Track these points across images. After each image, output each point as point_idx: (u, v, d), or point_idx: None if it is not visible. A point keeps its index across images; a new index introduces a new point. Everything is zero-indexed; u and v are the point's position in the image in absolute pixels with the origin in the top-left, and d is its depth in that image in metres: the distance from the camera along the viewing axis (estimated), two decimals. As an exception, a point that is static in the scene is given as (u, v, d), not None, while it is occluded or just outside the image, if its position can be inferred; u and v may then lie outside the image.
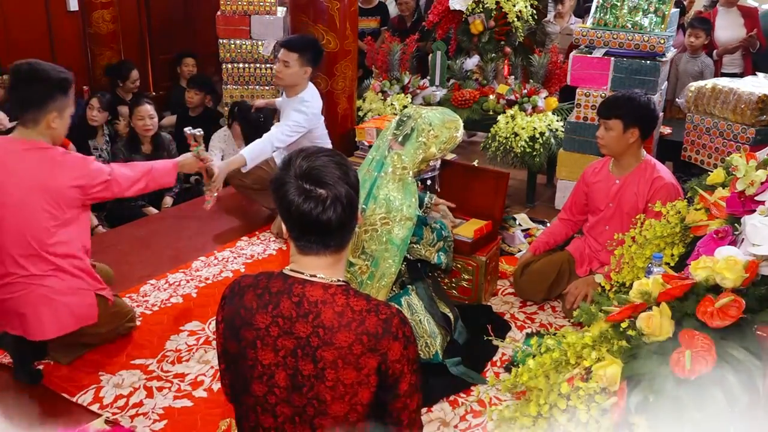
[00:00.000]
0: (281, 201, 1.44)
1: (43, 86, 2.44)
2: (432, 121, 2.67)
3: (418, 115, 2.69)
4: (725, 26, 5.44)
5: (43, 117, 2.45)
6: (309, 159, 1.45)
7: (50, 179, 2.47)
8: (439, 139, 2.66)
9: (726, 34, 5.43)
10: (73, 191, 2.51)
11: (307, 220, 1.42)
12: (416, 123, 2.66)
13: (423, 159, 2.66)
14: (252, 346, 1.47)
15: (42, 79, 2.44)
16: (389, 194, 2.57)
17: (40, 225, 2.47)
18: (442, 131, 2.68)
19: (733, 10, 5.46)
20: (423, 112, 2.72)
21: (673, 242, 2.23)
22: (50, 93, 2.45)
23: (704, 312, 1.47)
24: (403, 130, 2.67)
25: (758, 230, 1.61)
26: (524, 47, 4.95)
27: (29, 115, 2.46)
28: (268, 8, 5.59)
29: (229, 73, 5.69)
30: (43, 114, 2.45)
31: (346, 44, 4.53)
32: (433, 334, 2.68)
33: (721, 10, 5.49)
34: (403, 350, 1.45)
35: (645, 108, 2.96)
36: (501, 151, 4.46)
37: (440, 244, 2.74)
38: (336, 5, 4.39)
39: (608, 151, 3.07)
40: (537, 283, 3.24)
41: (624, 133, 2.96)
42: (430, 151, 2.66)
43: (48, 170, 2.47)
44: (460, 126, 2.76)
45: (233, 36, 5.62)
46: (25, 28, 5.61)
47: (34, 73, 2.44)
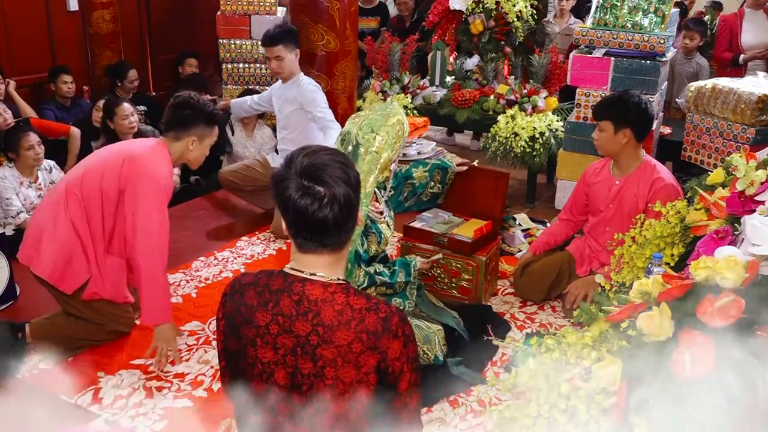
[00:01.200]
0: (280, 196, 1.45)
1: (191, 113, 2.77)
2: (373, 125, 2.49)
3: (357, 128, 2.50)
4: (752, 29, 5.16)
5: (185, 137, 2.76)
6: (310, 156, 1.45)
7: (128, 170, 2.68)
8: (386, 141, 2.49)
9: (752, 37, 5.14)
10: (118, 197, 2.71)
11: (303, 217, 1.42)
12: (357, 137, 2.48)
13: (380, 169, 2.51)
14: (252, 344, 1.47)
15: (193, 108, 2.78)
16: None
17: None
18: (387, 132, 2.50)
19: (760, 13, 5.17)
20: (358, 122, 2.52)
21: (673, 242, 2.23)
22: (195, 119, 2.78)
23: (704, 312, 1.47)
24: (346, 150, 2.47)
25: (758, 230, 1.60)
26: (524, 47, 4.95)
27: (172, 132, 2.78)
28: (268, 8, 5.59)
29: (229, 73, 5.70)
30: (185, 134, 2.76)
31: (346, 44, 4.53)
32: (427, 340, 2.67)
33: (748, 12, 5.18)
34: (403, 349, 1.45)
35: (636, 109, 2.95)
36: (501, 151, 4.46)
37: (381, 289, 2.58)
38: (336, 5, 4.39)
39: (603, 151, 3.08)
40: (537, 283, 3.24)
41: (615, 134, 2.96)
42: (384, 157, 2.49)
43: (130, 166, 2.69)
44: (402, 117, 2.58)
45: (233, 36, 5.62)
46: (25, 28, 5.60)
47: (188, 102, 2.79)
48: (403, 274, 2.60)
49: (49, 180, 4.07)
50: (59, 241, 2.68)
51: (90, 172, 2.72)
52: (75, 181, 2.72)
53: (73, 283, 2.71)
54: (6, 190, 3.84)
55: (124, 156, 2.69)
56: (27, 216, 3.88)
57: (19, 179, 3.93)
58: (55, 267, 2.68)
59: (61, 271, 2.69)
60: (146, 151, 2.73)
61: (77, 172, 2.76)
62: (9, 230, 3.82)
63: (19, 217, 3.84)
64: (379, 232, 2.59)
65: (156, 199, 2.65)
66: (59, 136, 4.73)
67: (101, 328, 2.81)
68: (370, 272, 2.52)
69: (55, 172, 4.12)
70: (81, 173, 2.74)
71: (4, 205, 3.84)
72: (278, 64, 3.90)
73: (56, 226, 2.69)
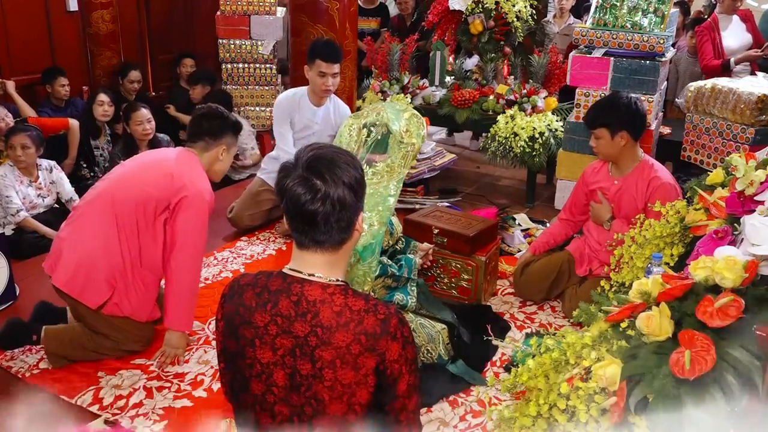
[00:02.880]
0: (279, 183, 1.47)
1: (221, 122, 2.82)
2: (395, 118, 2.54)
3: (385, 119, 2.54)
4: (731, 34, 5.15)
5: (215, 146, 2.79)
6: (317, 150, 1.47)
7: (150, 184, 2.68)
8: (412, 132, 2.55)
9: (733, 41, 5.13)
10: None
11: (295, 205, 1.43)
12: (387, 125, 2.53)
13: (412, 157, 2.57)
14: (251, 344, 1.47)
15: (222, 117, 2.83)
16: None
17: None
18: (409, 122, 2.56)
19: (734, 16, 5.17)
20: (383, 114, 2.57)
21: (672, 242, 2.23)
22: (225, 129, 2.82)
23: (704, 312, 1.47)
24: (375, 139, 2.52)
25: (758, 230, 1.61)
26: (524, 47, 4.95)
27: (202, 142, 2.79)
28: (267, 8, 5.59)
29: (229, 74, 5.70)
30: (215, 144, 2.79)
31: (346, 44, 4.53)
32: (430, 339, 2.67)
33: (722, 17, 5.16)
34: (402, 350, 1.45)
35: (627, 111, 2.95)
36: (500, 151, 4.46)
37: (389, 281, 2.60)
38: (336, 5, 4.39)
39: (603, 157, 3.09)
40: (537, 283, 3.24)
41: (613, 139, 2.97)
42: (415, 143, 2.55)
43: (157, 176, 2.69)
44: (411, 109, 2.67)
45: (233, 36, 5.62)
46: (25, 28, 5.61)
47: (216, 112, 2.84)
48: (407, 270, 2.63)
49: (49, 180, 4.07)
50: (82, 253, 2.62)
51: (125, 185, 2.67)
52: (105, 194, 2.66)
53: (96, 297, 2.64)
54: (6, 188, 3.84)
55: (166, 172, 2.66)
56: (27, 214, 3.88)
57: (19, 178, 3.93)
58: (75, 279, 2.62)
59: (83, 284, 2.62)
60: (186, 166, 2.71)
61: (108, 186, 2.71)
62: (8, 230, 3.82)
63: (18, 215, 3.85)
64: (391, 223, 2.63)
65: (204, 215, 2.68)
66: (58, 131, 4.73)
67: (116, 345, 2.74)
68: (383, 262, 2.56)
69: (55, 172, 4.12)
70: (113, 185, 2.69)
71: (4, 202, 3.84)
72: (334, 81, 3.79)
73: (81, 238, 2.63)
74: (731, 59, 4.96)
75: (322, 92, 3.82)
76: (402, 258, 2.68)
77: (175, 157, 2.76)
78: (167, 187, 2.63)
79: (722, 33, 5.08)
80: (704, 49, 5.05)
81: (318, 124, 3.93)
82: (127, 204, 2.63)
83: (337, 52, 3.76)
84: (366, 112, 2.62)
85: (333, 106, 3.97)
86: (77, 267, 2.62)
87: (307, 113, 3.93)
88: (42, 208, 4.04)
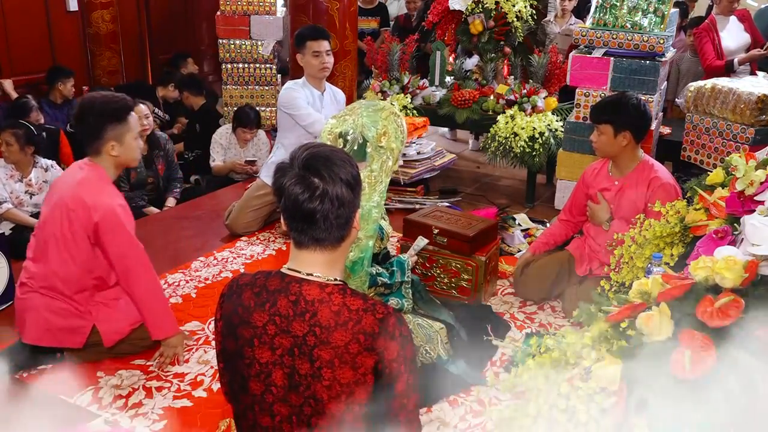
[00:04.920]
0: (276, 183, 1.47)
1: (95, 119, 2.55)
2: (371, 121, 2.44)
3: (359, 126, 2.44)
4: (729, 35, 5.12)
5: (105, 145, 2.57)
6: (312, 149, 1.48)
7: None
8: (390, 134, 2.44)
9: (732, 42, 5.10)
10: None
11: (293, 205, 1.44)
12: (362, 134, 2.43)
13: (393, 161, 2.48)
14: (249, 344, 1.47)
15: (94, 112, 2.55)
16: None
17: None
18: (387, 124, 2.44)
19: (731, 17, 5.13)
20: (358, 120, 2.46)
21: (672, 242, 2.23)
22: (103, 123, 2.54)
23: (704, 312, 1.47)
24: (352, 150, 2.41)
25: (758, 230, 1.60)
26: (524, 47, 4.95)
27: (90, 147, 2.60)
28: (267, 8, 5.59)
29: (229, 73, 5.70)
30: (101, 143, 2.56)
31: (346, 44, 4.54)
32: (429, 339, 2.67)
33: (719, 18, 5.12)
34: (400, 350, 1.45)
35: (634, 111, 2.95)
36: (500, 151, 4.46)
37: (380, 288, 2.57)
38: (336, 5, 4.40)
39: (602, 154, 3.08)
40: (537, 283, 3.24)
41: (615, 137, 2.96)
42: (394, 148, 2.45)
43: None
44: (391, 107, 2.53)
45: (233, 36, 5.63)
46: (25, 28, 5.61)
47: (87, 108, 2.57)
48: (399, 274, 2.60)
49: (42, 179, 4.04)
50: (40, 302, 2.61)
51: (51, 227, 2.60)
52: (41, 232, 2.64)
53: (77, 335, 2.64)
54: None
55: (69, 208, 2.53)
56: (10, 206, 3.88)
57: (10, 173, 3.93)
58: (47, 327, 2.61)
59: (57, 330, 2.61)
60: (85, 187, 2.56)
61: (40, 225, 2.67)
62: (7, 230, 3.82)
63: (2, 206, 3.85)
64: (381, 229, 2.59)
65: (125, 230, 2.57)
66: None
67: (137, 347, 2.81)
68: (372, 273, 2.51)
69: (51, 171, 4.09)
70: (42, 226, 2.64)
71: None
72: (329, 59, 3.77)
73: (38, 281, 2.63)
74: (735, 59, 4.92)
75: (320, 72, 3.82)
76: (394, 262, 2.65)
77: (76, 183, 2.58)
78: (76, 219, 2.53)
79: (720, 34, 5.06)
80: (705, 49, 5.02)
81: (324, 108, 3.94)
82: (50, 241, 2.59)
83: (323, 30, 3.79)
84: (343, 116, 2.54)
85: (331, 92, 3.98)
86: (37, 319, 2.61)
87: (314, 99, 3.94)
88: (29, 206, 3.99)
